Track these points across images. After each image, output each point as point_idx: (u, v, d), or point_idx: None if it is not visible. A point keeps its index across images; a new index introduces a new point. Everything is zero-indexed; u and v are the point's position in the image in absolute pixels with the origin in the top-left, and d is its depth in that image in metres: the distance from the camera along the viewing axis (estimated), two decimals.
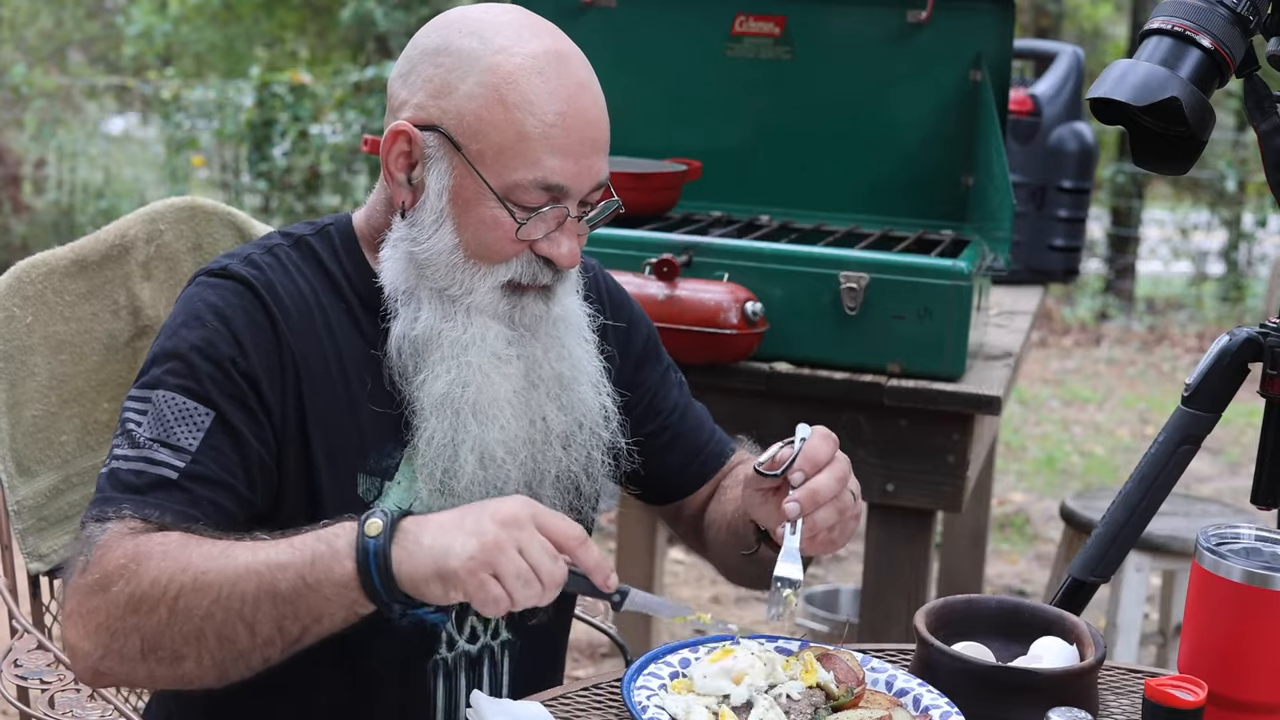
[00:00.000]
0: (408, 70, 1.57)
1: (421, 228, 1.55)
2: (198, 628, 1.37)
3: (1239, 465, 6.36)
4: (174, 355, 1.51)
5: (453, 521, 1.38)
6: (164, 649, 1.38)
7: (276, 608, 1.37)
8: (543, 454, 1.61)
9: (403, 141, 1.55)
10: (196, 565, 1.38)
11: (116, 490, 1.46)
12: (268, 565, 1.37)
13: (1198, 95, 1.74)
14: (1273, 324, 1.95)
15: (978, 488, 3.78)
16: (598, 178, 1.56)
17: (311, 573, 1.37)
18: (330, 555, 1.37)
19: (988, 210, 2.79)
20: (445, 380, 1.54)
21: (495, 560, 1.34)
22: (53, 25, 12.68)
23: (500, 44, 1.52)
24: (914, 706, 1.47)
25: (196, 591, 1.37)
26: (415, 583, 1.36)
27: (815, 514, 1.53)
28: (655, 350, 1.86)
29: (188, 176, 9.85)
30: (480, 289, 1.55)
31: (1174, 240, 10.91)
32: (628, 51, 3.06)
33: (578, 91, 1.53)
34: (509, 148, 1.51)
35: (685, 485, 1.85)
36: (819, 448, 1.56)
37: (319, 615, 1.38)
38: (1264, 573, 1.43)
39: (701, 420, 1.88)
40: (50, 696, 1.72)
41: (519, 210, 1.53)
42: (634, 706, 1.41)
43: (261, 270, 1.57)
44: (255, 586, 1.37)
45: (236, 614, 1.37)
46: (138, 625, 1.38)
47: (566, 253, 1.56)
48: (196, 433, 1.48)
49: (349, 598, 1.37)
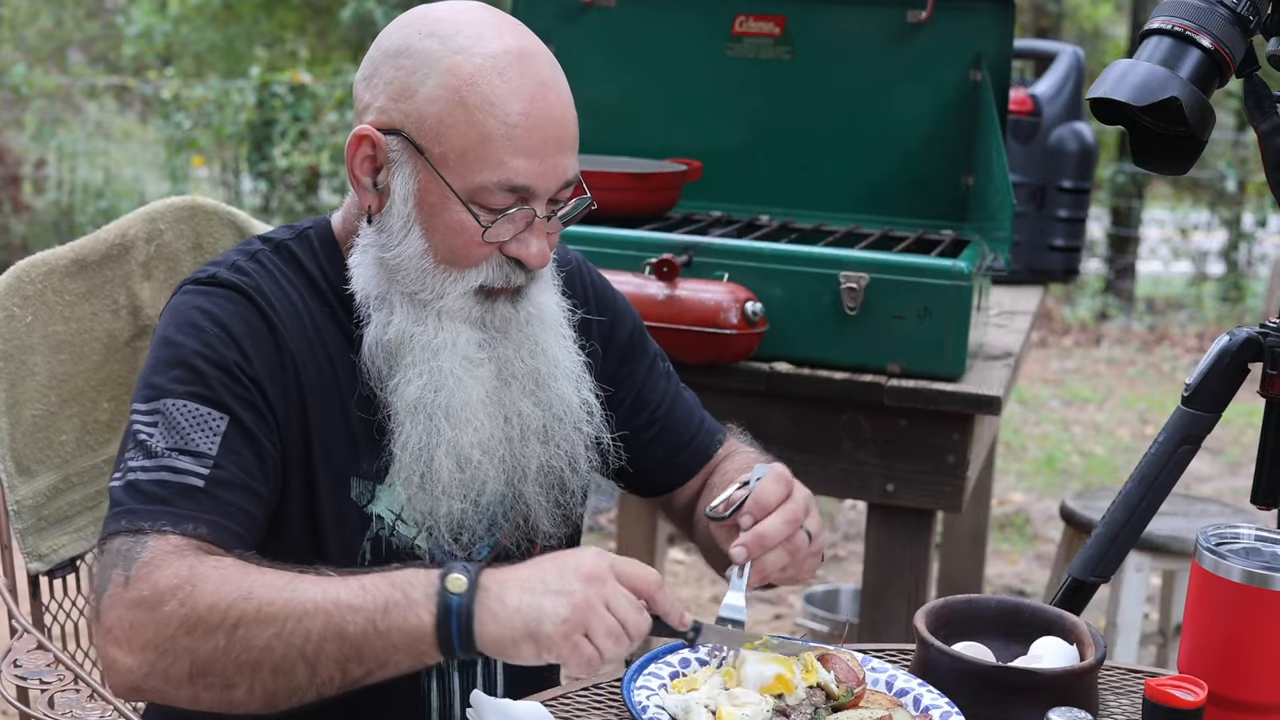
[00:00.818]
0: (371, 73, 1.55)
1: (390, 233, 1.54)
2: (255, 659, 1.35)
3: (1239, 465, 6.36)
4: (177, 363, 1.49)
5: (535, 579, 1.36)
6: (215, 675, 1.36)
7: (342, 649, 1.35)
8: (520, 450, 1.60)
9: (366, 146, 1.54)
10: (260, 594, 1.35)
11: (141, 502, 1.43)
12: (337, 605, 1.35)
13: (1198, 95, 1.74)
14: (1273, 324, 1.95)
15: (978, 488, 3.78)
16: (565, 176, 1.54)
17: (384, 620, 1.35)
18: (405, 604, 1.35)
19: (988, 210, 2.79)
20: (418, 385, 1.54)
21: (587, 620, 1.34)
22: (53, 25, 12.67)
23: (460, 44, 1.50)
24: (914, 707, 1.47)
25: (259, 622, 1.34)
26: (501, 644, 1.34)
27: (765, 557, 1.53)
28: (641, 341, 1.84)
29: (188, 176, 9.85)
30: (451, 294, 1.54)
31: (1174, 240, 10.91)
32: (628, 51, 3.06)
33: (540, 90, 1.51)
34: (471, 150, 1.49)
35: (673, 479, 1.84)
36: (768, 491, 1.55)
37: (385, 662, 1.36)
38: (1264, 573, 1.43)
39: (690, 411, 1.86)
40: (50, 697, 1.72)
41: (484, 213, 1.51)
42: (634, 706, 1.41)
43: (250, 276, 1.56)
44: (322, 625, 1.34)
45: (299, 651, 1.34)
46: (190, 648, 1.35)
47: (535, 253, 1.55)
48: (214, 437, 1.46)
49: (419, 649, 1.35)
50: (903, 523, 2.56)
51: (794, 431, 2.57)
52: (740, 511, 1.55)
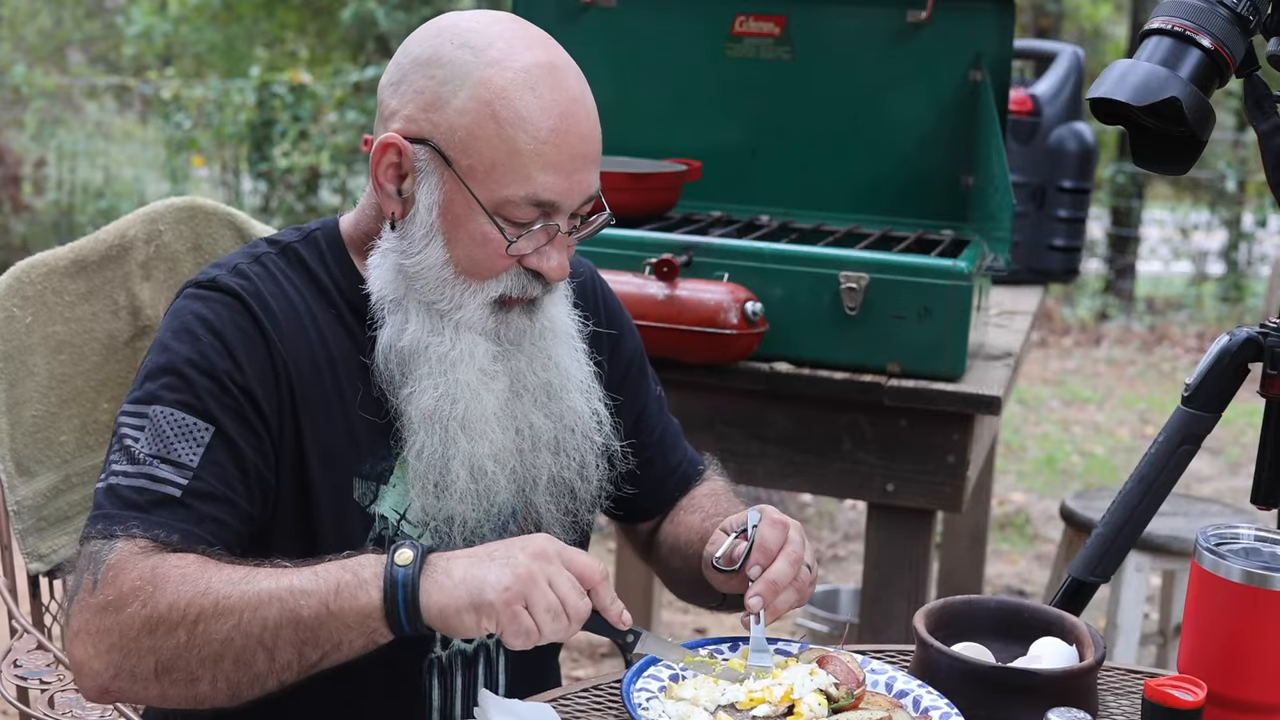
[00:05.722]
0: (399, 79, 1.55)
1: (411, 240, 1.55)
2: (216, 652, 1.38)
3: (1239, 465, 6.36)
4: (169, 370, 1.50)
5: (483, 553, 1.40)
6: (179, 671, 1.39)
7: (298, 633, 1.38)
8: (531, 460, 1.62)
9: (393, 153, 1.54)
10: (217, 590, 1.38)
11: (118, 507, 1.46)
12: (290, 592, 1.38)
13: (1198, 95, 1.74)
14: (1273, 324, 1.95)
15: (978, 488, 3.78)
16: (588, 191, 1.55)
17: (335, 600, 1.38)
18: (355, 584, 1.38)
19: (988, 210, 2.79)
20: (433, 395, 1.54)
21: (528, 591, 1.37)
22: (52, 25, 12.68)
23: (492, 57, 1.51)
24: (914, 708, 1.47)
25: (217, 616, 1.37)
26: (445, 614, 1.37)
27: (777, 600, 1.55)
28: (643, 365, 1.86)
29: (188, 176, 9.85)
30: (470, 305, 1.55)
31: (1174, 240, 10.91)
32: (628, 51, 3.06)
33: (570, 106, 1.52)
34: (500, 164, 1.50)
35: (655, 506, 1.86)
36: (769, 537, 1.57)
37: (338, 642, 1.39)
38: (1263, 573, 1.43)
39: (677, 439, 1.89)
40: (50, 696, 1.72)
41: (509, 227, 1.52)
42: (633, 709, 1.41)
43: (250, 280, 1.56)
44: (278, 612, 1.37)
45: (257, 639, 1.38)
46: (153, 647, 1.38)
47: (556, 266, 1.56)
48: (197, 449, 1.48)
49: (370, 626, 1.38)
50: (903, 523, 2.57)
51: (794, 431, 2.57)
52: (749, 563, 1.57)
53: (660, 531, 1.85)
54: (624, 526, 1.92)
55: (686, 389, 2.53)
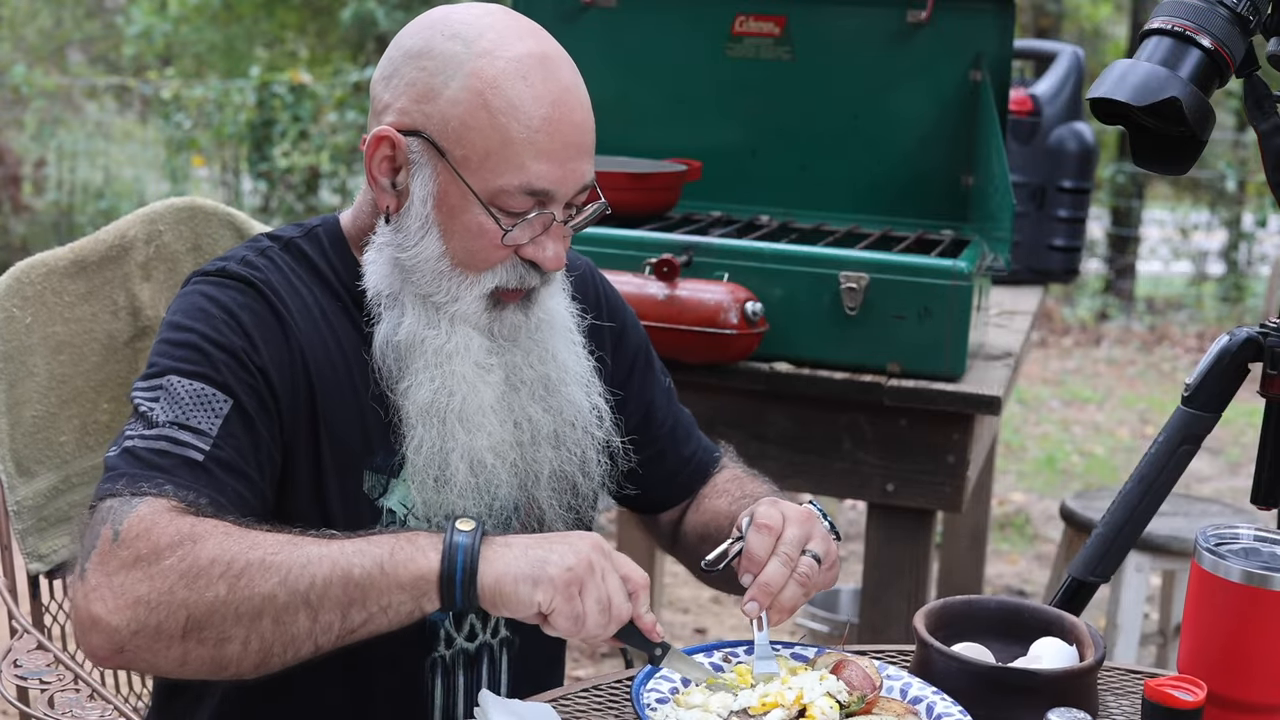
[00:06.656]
0: (390, 73, 1.55)
1: (407, 234, 1.54)
2: (257, 608, 1.34)
3: (1239, 465, 6.36)
4: (185, 345, 1.49)
5: (541, 539, 1.41)
6: (211, 629, 1.34)
7: (346, 592, 1.36)
8: (531, 454, 1.61)
9: (386, 146, 1.54)
10: (265, 546, 1.37)
11: (139, 468, 1.42)
12: (343, 551, 1.37)
13: (1198, 95, 1.74)
14: (1273, 324, 1.95)
15: (978, 488, 3.78)
16: (583, 180, 1.55)
17: (390, 560, 1.37)
18: (412, 549, 1.38)
19: (988, 210, 2.79)
20: (430, 389, 1.54)
21: (586, 578, 1.38)
22: (52, 25, 12.68)
23: (484, 47, 1.51)
24: (928, 715, 1.46)
25: (264, 570, 1.35)
26: (501, 584, 1.37)
27: (778, 599, 1.54)
28: (649, 357, 1.86)
29: (188, 177, 9.85)
30: (466, 298, 1.55)
31: (1174, 240, 10.91)
32: (628, 51, 3.06)
33: (563, 95, 1.52)
34: (494, 153, 1.49)
35: (673, 497, 1.86)
36: (755, 545, 1.55)
37: (386, 605, 1.37)
38: (1263, 573, 1.43)
39: (690, 429, 1.88)
40: (50, 696, 1.72)
41: (504, 216, 1.52)
42: (641, 710, 1.40)
43: (259, 270, 1.56)
44: (328, 569, 1.36)
45: (303, 597, 1.35)
46: (187, 600, 1.34)
47: (552, 256, 1.55)
48: (215, 419, 1.46)
49: (421, 589, 1.37)
50: (903, 523, 2.57)
51: (794, 431, 2.57)
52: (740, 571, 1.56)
53: (685, 521, 1.85)
54: (645, 519, 1.92)
55: (686, 389, 2.52)
